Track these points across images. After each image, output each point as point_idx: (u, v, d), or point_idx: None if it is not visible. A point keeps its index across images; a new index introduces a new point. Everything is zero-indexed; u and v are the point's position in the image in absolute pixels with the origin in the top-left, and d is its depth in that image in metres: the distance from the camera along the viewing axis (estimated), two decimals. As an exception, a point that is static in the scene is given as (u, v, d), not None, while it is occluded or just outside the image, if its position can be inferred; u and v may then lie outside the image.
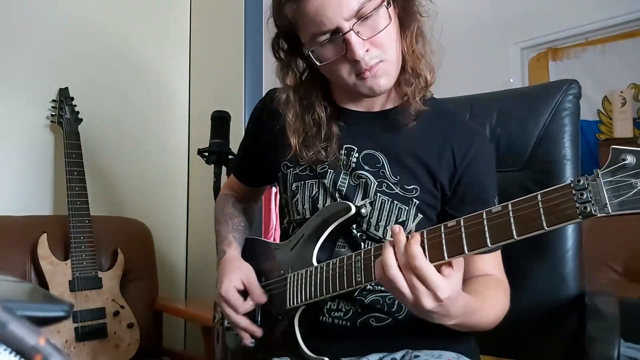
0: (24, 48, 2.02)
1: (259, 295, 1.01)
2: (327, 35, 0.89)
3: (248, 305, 1.01)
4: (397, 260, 0.75)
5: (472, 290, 0.86)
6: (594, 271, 2.25)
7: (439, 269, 0.74)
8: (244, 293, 1.02)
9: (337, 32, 0.88)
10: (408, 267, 0.73)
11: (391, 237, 0.77)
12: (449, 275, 0.74)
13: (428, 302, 0.73)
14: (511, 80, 3.22)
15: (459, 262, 0.75)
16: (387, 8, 0.90)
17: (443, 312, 0.75)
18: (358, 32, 0.87)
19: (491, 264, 0.96)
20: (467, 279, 0.91)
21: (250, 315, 1.02)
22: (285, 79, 1.02)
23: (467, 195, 0.97)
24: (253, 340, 1.01)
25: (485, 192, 0.98)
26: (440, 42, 0.98)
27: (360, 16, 0.87)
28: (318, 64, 0.91)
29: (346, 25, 0.87)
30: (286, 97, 1.01)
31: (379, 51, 0.90)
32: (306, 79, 1.03)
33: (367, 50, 0.88)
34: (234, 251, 1.09)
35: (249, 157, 1.20)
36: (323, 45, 0.90)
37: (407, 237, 0.75)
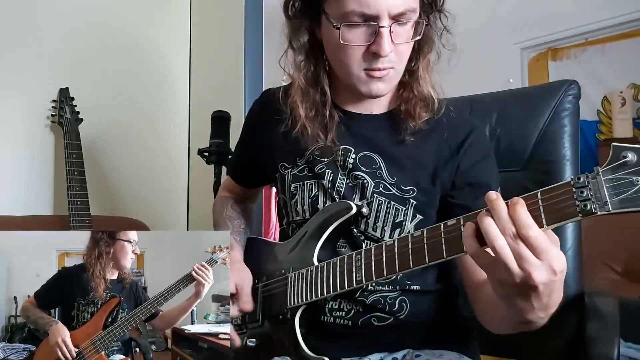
0: (24, 49, 2.02)
1: (245, 302, 1.01)
2: (361, 19, 0.88)
3: (233, 311, 1.01)
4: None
5: None
6: (594, 271, 2.24)
7: None
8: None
9: (373, 20, 0.87)
10: (517, 237, 0.64)
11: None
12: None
13: (542, 275, 0.64)
14: (511, 80, 3.22)
15: (555, 237, 0.67)
16: (422, 25, 0.91)
17: (547, 295, 0.67)
18: (392, 32, 0.88)
19: None
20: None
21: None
22: (293, 42, 0.99)
23: (467, 183, 0.97)
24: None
25: (485, 178, 0.97)
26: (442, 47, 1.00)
27: (400, 20, 0.88)
28: (341, 42, 0.89)
29: (386, 19, 0.87)
30: (294, 60, 1.00)
31: (396, 58, 0.91)
32: (310, 56, 1.00)
33: (390, 52, 0.89)
34: (235, 254, 1.08)
35: (245, 159, 1.20)
36: (351, 27, 0.88)
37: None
